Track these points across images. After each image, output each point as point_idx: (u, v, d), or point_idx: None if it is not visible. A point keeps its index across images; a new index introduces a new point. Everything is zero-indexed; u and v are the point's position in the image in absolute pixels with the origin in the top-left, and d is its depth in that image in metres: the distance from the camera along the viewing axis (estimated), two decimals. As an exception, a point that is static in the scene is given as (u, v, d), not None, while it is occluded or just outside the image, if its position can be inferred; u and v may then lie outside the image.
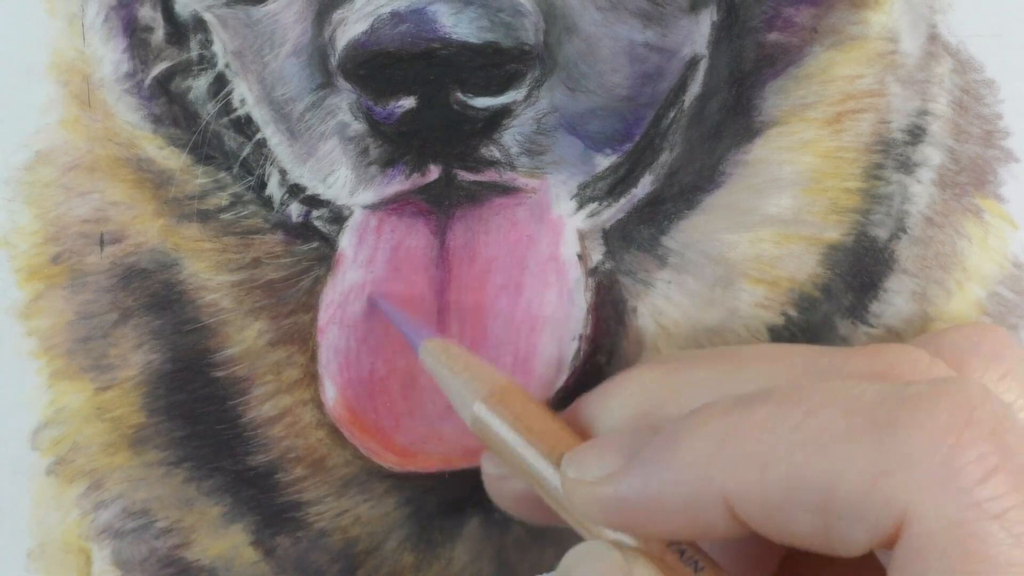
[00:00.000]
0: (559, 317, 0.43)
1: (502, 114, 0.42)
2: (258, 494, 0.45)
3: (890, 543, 0.32)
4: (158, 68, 0.44)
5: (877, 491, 0.32)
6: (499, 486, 0.41)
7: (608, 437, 0.38)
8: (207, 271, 0.44)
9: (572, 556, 0.37)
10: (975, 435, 0.32)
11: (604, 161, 0.43)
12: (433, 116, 0.41)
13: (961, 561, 0.31)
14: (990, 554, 0.31)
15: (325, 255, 0.44)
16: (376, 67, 0.41)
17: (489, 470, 0.41)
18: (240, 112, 0.44)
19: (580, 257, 0.44)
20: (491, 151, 0.42)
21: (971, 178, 0.45)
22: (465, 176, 0.42)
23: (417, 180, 0.42)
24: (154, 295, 0.44)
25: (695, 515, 0.34)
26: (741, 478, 0.33)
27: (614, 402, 0.40)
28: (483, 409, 0.39)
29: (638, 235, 0.44)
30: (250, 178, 0.44)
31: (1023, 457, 0.32)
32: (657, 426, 0.36)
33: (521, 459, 0.38)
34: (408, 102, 0.41)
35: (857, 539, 0.32)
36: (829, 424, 0.33)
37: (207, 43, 0.44)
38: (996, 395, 0.33)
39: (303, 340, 0.44)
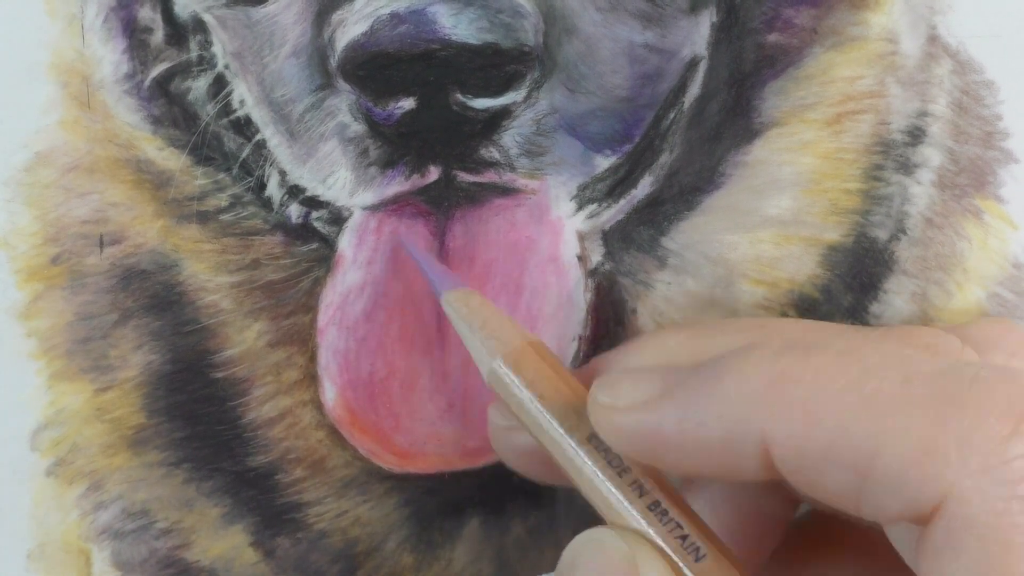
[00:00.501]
0: (559, 318, 0.43)
1: (502, 115, 0.42)
2: (258, 495, 0.45)
3: (923, 520, 0.32)
4: (158, 69, 0.44)
5: (923, 466, 0.31)
6: (506, 437, 0.40)
7: (643, 368, 0.37)
8: (207, 272, 0.44)
9: (575, 545, 0.36)
10: None
11: (604, 162, 0.43)
12: (433, 117, 0.41)
13: (999, 550, 0.30)
14: None
15: (325, 256, 0.44)
16: (376, 68, 0.41)
17: (497, 421, 0.41)
18: (240, 113, 0.44)
19: (580, 258, 0.44)
20: (491, 152, 0.42)
21: (971, 179, 0.45)
22: (465, 177, 0.42)
23: (417, 181, 0.42)
24: (154, 296, 0.44)
25: (729, 454, 0.34)
26: (785, 424, 0.33)
27: (635, 360, 0.39)
28: (500, 366, 0.38)
29: (638, 236, 0.44)
30: (250, 179, 0.44)
31: None
32: (700, 363, 0.35)
33: (535, 421, 0.38)
34: (408, 103, 0.41)
35: (889, 508, 0.32)
36: (886, 388, 0.32)
37: (206, 44, 0.44)
38: None
39: (303, 341, 0.44)
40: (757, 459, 0.33)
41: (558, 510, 0.45)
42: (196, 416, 0.45)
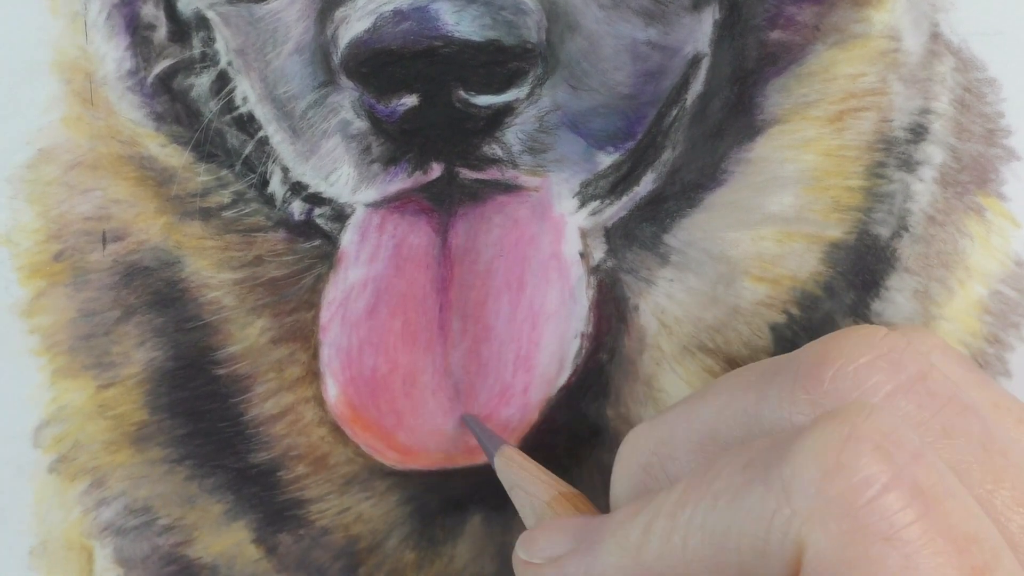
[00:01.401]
0: (561, 315, 0.43)
1: (504, 112, 0.42)
2: (260, 492, 0.45)
3: None
4: (160, 66, 0.44)
5: (773, 531, 0.31)
6: None
7: (560, 521, 0.38)
8: (209, 269, 0.44)
9: None
10: (857, 453, 0.31)
11: (606, 159, 0.43)
12: (435, 114, 0.41)
13: None
14: None
15: (327, 253, 0.44)
16: (378, 65, 0.41)
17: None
18: (242, 110, 0.44)
19: (582, 255, 0.44)
20: (493, 149, 0.42)
21: (973, 176, 0.45)
22: (467, 174, 0.42)
23: (419, 178, 0.42)
24: (156, 293, 0.44)
25: None
26: (667, 558, 0.33)
27: (618, 470, 0.40)
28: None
29: (640, 233, 0.44)
30: (252, 176, 0.44)
31: (915, 472, 0.31)
32: (605, 516, 0.37)
33: None
34: (410, 100, 0.41)
35: None
36: (728, 482, 0.33)
37: (209, 41, 0.44)
38: (885, 410, 0.32)
39: (305, 338, 0.44)
40: None
41: (560, 507, 0.45)
42: (198, 413, 0.45)
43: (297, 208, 0.44)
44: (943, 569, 0.30)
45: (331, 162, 0.43)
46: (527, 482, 0.40)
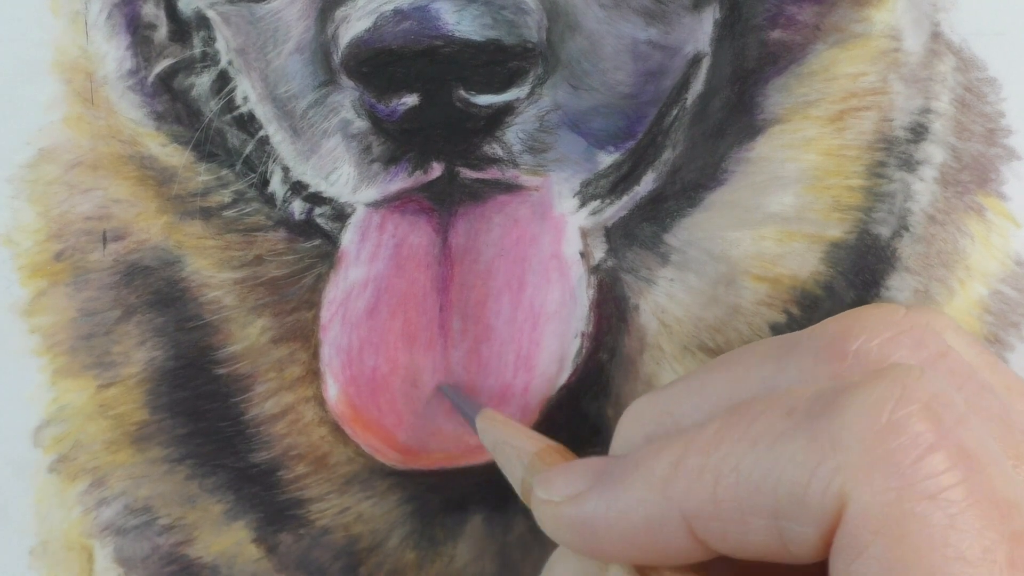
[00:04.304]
0: (561, 314, 0.43)
1: (505, 112, 0.42)
2: (260, 491, 0.45)
3: None
4: (161, 65, 0.44)
5: (816, 480, 0.31)
6: None
7: (578, 461, 0.38)
8: (210, 268, 0.44)
9: (553, 559, 0.38)
10: (908, 413, 0.31)
11: (607, 159, 0.43)
12: (436, 113, 0.41)
13: (896, 543, 0.30)
14: (925, 535, 0.30)
15: (327, 252, 0.44)
16: (379, 64, 0.41)
17: None
18: (243, 109, 0.44)
19: (582, 255, 0.44)
20: (494, 149, 0.42)
21: (973, 176, 0.45)
22: (468, 174, 0.42)
23: (420, 178, 0.42)
24: (157, 292, 0.44)
25: (657, 536, 0.34)
26: (696, 494, 0.33)
27: (619, 441, 0.39)
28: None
29: (640, 233, 0.44)
30: (253, 175, 0.44)
31: (961, 435, 0.31)
32: (624, 454, 0.37)
33: None
34: (411, 99, 0.41)
35: (809, 537, 0.32)
36: (769, 427, 0.33)
37: (210, 40, 0.44)
38: (934, 374, 0.32)
39: (305, 337, 0.44)
40: (685, 537, 0.34)
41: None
42: (199, 412, 0.45)
43: (297, 207, 0.44)
44: (985, 532, 0.30)
45: (331, 161, 0.43)
46: (512, 438, 0.40)
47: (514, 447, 0.40)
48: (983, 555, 0.30)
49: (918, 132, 0.45)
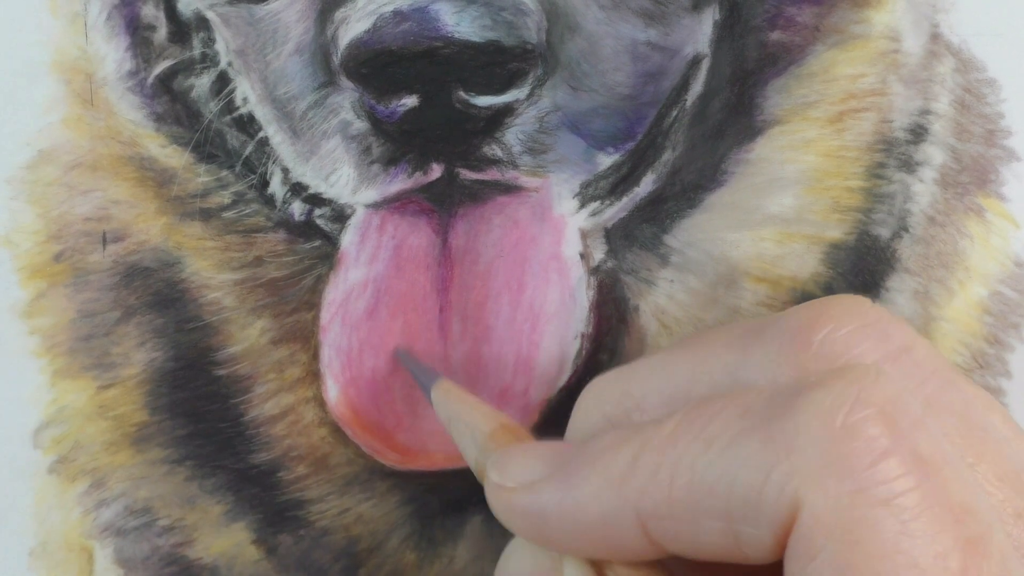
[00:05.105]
0: (561, 316, 0.43)
1: (504, 113, 0.42)
2: (260, 492, 0.45)
3: None
4: (161, 66, 0.44)
5: (770, 484, 0.31)
6: None
7: (536, 444, 0.37)
8: (209, 269, 0.44)
9: (508, 550, 0.37)
10: (863, 417, 0.31)
11: (606, 160, 0.43)
12: (435, 115, 0.41)
13: (848, 548, 0.30)
14: (877, 541, 0.30)
15: (327, 253, 0.44)
16: (378, 66, 0.41)
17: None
18: (242, 111, 0.44)
19: (582, 256, 0.44)
20: (493, 150, 0.42)
21: (973, 177, 0.45)
22: (467, 175, 0.42)
23: (420, 179, 0.42)
24: (156, 293, 0.44)
25: (611, 533, 0.34)
26: (651, 494, 0.33)
27: (577, 419, 0.39)
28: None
29: (640, 234, 0.44)
30: (252, 176, 0.44)
31: (916, 439, 0.31)
32: (583, 442, 0.36)
33: None
34: (410, 101, 0.41)
35: (763, 539, 0.31)
36: (724, 427, 0.32)
37: (209, 41, 0.44)
38: (891, 376, 0.32)
39: (305, 338, 0.44)
40: (638, 535, 0.33)
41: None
42: (198, 413, 0.45)
43: (297, 209, 0.44)
44: (938, 538, 0.30)
45: (331, 163, 0.43)
46: (466, 414, 0.39)
47: (467, 424, 0.39)
48: (935, 561, 0.30)
49: (918, 133, 0.45)
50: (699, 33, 0.43)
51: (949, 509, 0.30)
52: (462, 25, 0.40)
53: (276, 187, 0.44)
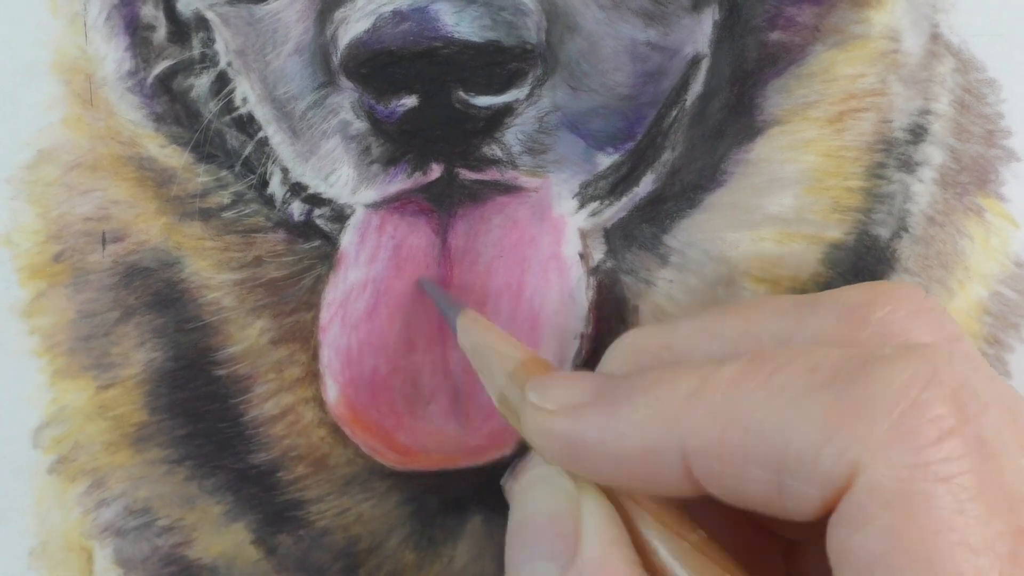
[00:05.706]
0: (561, 316, 0.43)
1: (504, 113, 0.42)
2: (260, 492, 0.45)
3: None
4: (160, 66, 0.44)
5: (831, 443, 0.31)
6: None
7: (579, 373, 0.37)
8: (209, 269, 0.44)
9: (525, 482, 0.37)
10: (935, 396, 0.31)
11: (606, 160, 0.43)
12: (435, 115, 0.41)
13: (902, 519, 0.30)
14: (932, 517, 0.30)
15: (327, 254, 0.44)
16: (378, 66, 0.41)
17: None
18: (242, 111, 0.44)
19: (582, 256, 0.44)
20: (493, 150, 0.42)
21: (973, 177, 0.45)
22: (467, 175, 0.42)
23: (419, 179, 0.42)
24: (156, 293, 0.44)
25: (651, 465, 0.34)
26: (702, 432, 0.33)
27: (611, 362, 0.39)
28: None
29: (640, 234, 0.44)
30: (252, 176, 0.44)
31: (981, 424, 0.31)
32: (630, 374, 0.36)
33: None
34: (410, 101, 0.41)
35: (811, 498, 0.31)
36: (790, 381, 0.32)
37: (209, 41, 0.44)
38: (963, 359, 0.33)
39: (305, 338, 0.44)
40: (678, 472, 0.33)
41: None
42: (198, 413, 0.45)
43: (297, 209, 0.44)
44: (991, 522, 0.30)
45: (331, 163, 0.43)
46: (497, 343, 0.39)
47: (498, 351, 0.38)
48: (986, 545, 0.30)
49: (917, 133, 0.45)
50: (699, 33, 0.43)
51: (1004, 496, 0.31)
52: (462, 25, 0.40)
53: (276, 187, 0.44)
